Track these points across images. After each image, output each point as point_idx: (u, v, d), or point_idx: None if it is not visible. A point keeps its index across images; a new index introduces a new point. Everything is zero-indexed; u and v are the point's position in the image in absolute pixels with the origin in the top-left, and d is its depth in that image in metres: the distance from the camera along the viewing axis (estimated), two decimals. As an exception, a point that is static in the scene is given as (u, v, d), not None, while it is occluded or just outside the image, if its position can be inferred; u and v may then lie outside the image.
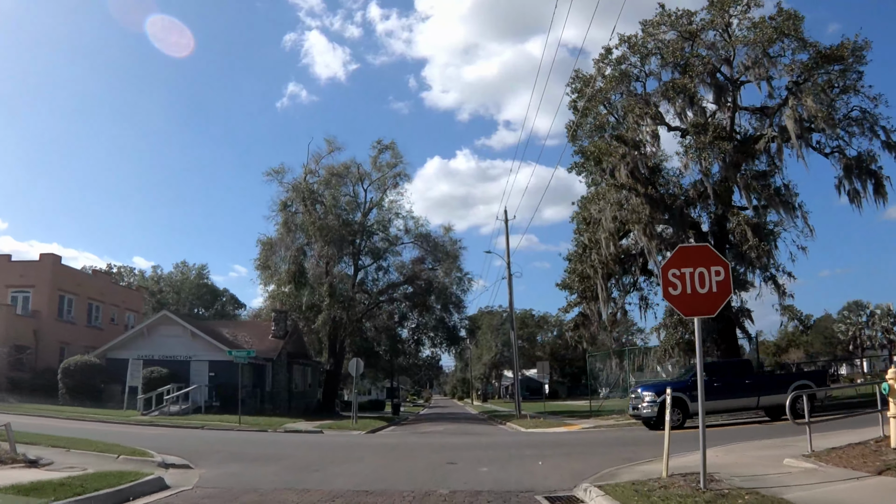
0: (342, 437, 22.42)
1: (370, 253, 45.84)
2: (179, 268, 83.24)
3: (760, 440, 14.87)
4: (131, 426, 24.51)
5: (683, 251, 8.90)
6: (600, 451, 14.35)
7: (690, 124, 25.37)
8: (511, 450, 15.72)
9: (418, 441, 19.08)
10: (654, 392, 20.65)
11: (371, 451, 15.99)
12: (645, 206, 24.21)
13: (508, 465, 12.29)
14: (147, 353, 35.87)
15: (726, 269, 8.67)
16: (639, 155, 25.95)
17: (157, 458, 13.11)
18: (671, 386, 21.22)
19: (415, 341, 50.12)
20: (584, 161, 28.93)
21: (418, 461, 13.47)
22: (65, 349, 39.57)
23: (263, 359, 38.39)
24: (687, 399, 20.19)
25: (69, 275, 43.73)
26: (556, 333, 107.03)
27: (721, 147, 23.91)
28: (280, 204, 42.06)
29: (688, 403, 20.22)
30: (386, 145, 45.62)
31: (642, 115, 25.93)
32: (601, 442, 17.04)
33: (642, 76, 28.70)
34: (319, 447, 17.48)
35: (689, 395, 20.19)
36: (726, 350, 25.59)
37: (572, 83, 30.64)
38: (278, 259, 43.11)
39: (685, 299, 8.59)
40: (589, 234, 26.89)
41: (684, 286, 8.57)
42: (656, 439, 17.57)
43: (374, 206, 45.54)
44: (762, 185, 24.53)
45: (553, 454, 14.14)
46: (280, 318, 41.59)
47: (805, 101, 25.55)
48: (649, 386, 22.02)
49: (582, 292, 29.05)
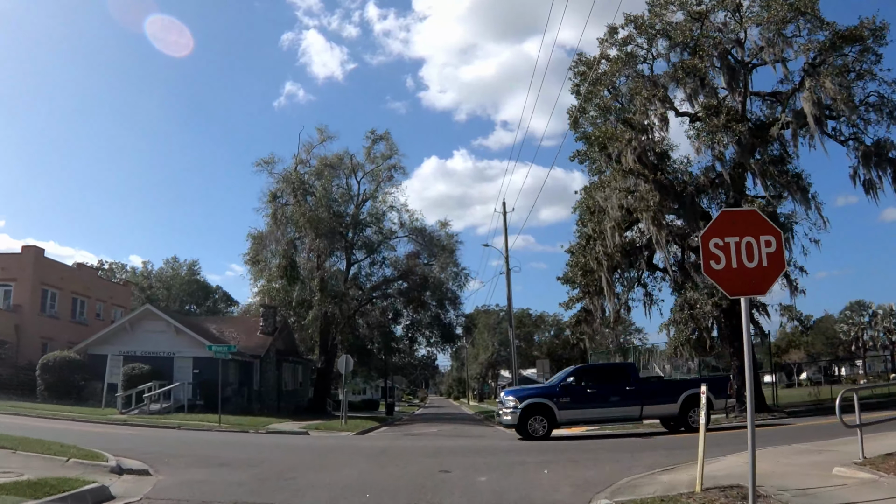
0: (328, 438, 20.84)
1: (363, 247, 44.25)
2: (170, 263, 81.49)
3: (777, 446, 13.22)
4: (104, 425, 23.01)
5: (727, 216, 7.33)
6: (611, 457, 12.79)
7: (703, 106, 23.81)
8: (511, 455, 14.15)
9: (410, 444, 17.53)
10: (517, 398, 18.70)
11: (356, 456, 14.41)
12: (654, 192, 22.66)
13: (510, 474, 10.73)
14: (129, 349, 34.34)
15: (778, 238, 7.10)
16: (647, 140, 24.43)
17: (112, 463, 11.61)
18: (536, 392, 19.57)
19: (409, 339, 48.47)
20: (588, 147, 27.34)
21: (408, 468, 11.90)
22: (47, 345, 38.11)
23: (251, 356, 36.84)
24: (554, 406, 18.29)
25: (52, 268, 42.09)
26: (553, 333, 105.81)
27: (736, 129, 22.36)
28: (269, 195, 40.40)
29: (554, 412, 18.30)
30: (380, 136, 44.08)
31: (650, 98, 24.39)
32: (610, 446, 15.44)
33: (650, 58, 27.19)
34: (300, 451, 15.91)
35: (557, 402, 18.36)
36: (739, 348, 24.02)
37: (575, 66, 29.11)
38: (269, 254, 41.55)
39: (730, 275, 7.03)
40: (593, 225, 25.31)
41: (728, 259, 7.01)
42: (670, 443, 16.05)
43: (367, 199, 43.96)
44: (779, 171, 22.98)
45: (558, 460, 12.58)
46: (269, 313, 39.98)
47: (823, 82, 24.04)
48: (513, 391, 20.09)
49: (585, 287, 27.50)
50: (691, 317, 22.49)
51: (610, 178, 24.91)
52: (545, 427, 18.08)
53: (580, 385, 19.04)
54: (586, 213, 25.68)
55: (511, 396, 18.96)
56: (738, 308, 22.33)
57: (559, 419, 18.36)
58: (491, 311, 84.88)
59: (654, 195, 22.59)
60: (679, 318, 22.84)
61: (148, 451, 13.82)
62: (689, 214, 23.67)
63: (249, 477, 10.69)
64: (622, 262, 25.69)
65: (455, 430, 27.01)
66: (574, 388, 18.86)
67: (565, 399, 18.45)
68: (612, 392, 18.83)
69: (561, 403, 18.36)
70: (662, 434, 18.97)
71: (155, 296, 74.55)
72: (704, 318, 22.38)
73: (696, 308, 22.60)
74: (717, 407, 18.95)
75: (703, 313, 22.39)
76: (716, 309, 22.45)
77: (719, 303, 22.23)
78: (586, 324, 27.91)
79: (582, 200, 27.02)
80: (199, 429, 22.47)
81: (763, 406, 23.59)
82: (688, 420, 18.29)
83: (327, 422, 28.23)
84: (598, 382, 19.30)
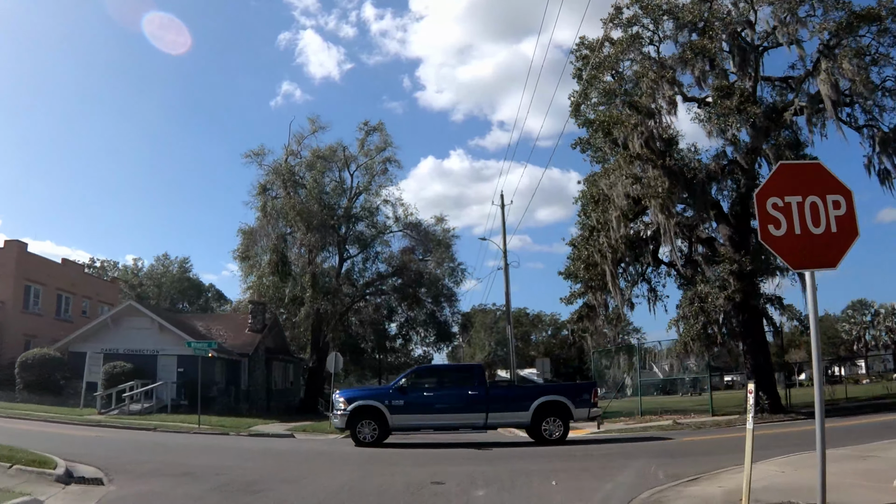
0: (314, 442, 19.37)
1: (357, 242, 42.85)
2: (161, 260, 79.85)
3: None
4: (78, 426, 21.58)
5: (787, 169, 5.91)
6: (626, 464, 11.37)
7: (714, 87, 22.42)
8: (513, 462, 12.69)
9: (401, 449, 16.06)
10: (346, 399, 16.98)
11: (340, 463, 12.98)
12: (663, 179, 21.23)
13: (512, 487, 9.29)
14: (112, 347, 32.91)
15: (849, 199, 5.70)
16: (654, 125, 23.04)
17: (60, 471, 10.27)
18: (368, 393, 17.78)
19: (403, 337, 46.97)
20: (592, 134, 25.91)
21: (396, 477, 10.47)
22: (30, 342, 36.61)
23: (238, 354, 35.42)
24: (385, 410, 16.44)
25: (36, 264, 40.52)
26: (550, 333, 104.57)
27: (750, 112, 20.96)
28: (259, 187, 39.02)
29: (386, 416, 16.42)
30: (374, 127, 42.72)
31: (658, 80, 22.98)
32: (622, 452, 13.99)
33: (656, 40, 25.78)
34: (278, 456, 14.45)
35: (389, 405, 16.52)
36: (752, 345, 22.70)
37: (576, 50, 27.73)
38: (259, 249, 40.19)
39: (793, 243, 5.63)
40: (597, 215, 23.87)
41: (790, 224, 5.62)
42: (688, 449, 14.58)
43: (361, 192, 42.60)
44: (796, 156, 21.59)
45: (566, 468, 11.14)
46: (258, 310, 38.50)
47: (841, 63, 22.67)
48: (345, 391, 18.35)
49: (587, 281, 26.05)
50: (702, 310, 21.06)
51: (615, 166, 23.48)
52: (375, 432, 16.38)
53: (418, 388, 17.22)
54: (590, 202, 24.25)
55: (342, 397, 17.24)
56: (752, 302, 20.86)
57: (391, 424, 16.49)
58: (488, 310, 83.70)
59: (662, 181, 21.17)
60: (688, 313, 21.42)
61: (110, 456, 12.49)
62: (699, 203, 22.27)
63: (212, 489, 9.27)
64: (627, 255, 24.28)
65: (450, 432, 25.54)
66: (410, 390, 17.02)
67: (398, 402, 16.64)
68: (453, 397, 16.96)
69: (394, 407, 16.53)
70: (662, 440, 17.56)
71: (145, 293, 72.95)
72: (716, 311, 20.98)
73: (706, 302, 21.20)
74: (578, 417, 16.81)
75: (714, 307, 20.99)
76: (728, 303, 21.07)
77: (732, 296, 20.85)
78: (588, 320, 26.48)
79: (585, 190, 25.58)
80: (177, 431, 21.03)
81: (779, 407, 22.24)
82: (541, 431, 16.53)
83: (316, 423, 26.75)
84: (438, 385, 17.48)
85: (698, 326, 21.14)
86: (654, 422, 22.40)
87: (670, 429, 19.75)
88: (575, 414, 16.68)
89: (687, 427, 19.92)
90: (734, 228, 23.56)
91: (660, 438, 17.51)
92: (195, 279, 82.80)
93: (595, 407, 17.39)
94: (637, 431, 19.40)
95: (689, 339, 21.14)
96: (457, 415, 16.79)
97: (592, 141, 26.68)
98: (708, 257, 23.57)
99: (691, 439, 16.50)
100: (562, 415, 16.61)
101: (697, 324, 21.23)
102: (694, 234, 24.86)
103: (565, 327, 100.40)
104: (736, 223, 23.96)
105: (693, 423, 20.78)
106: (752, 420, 6.76)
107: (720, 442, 15.49)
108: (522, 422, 17.05)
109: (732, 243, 22.92)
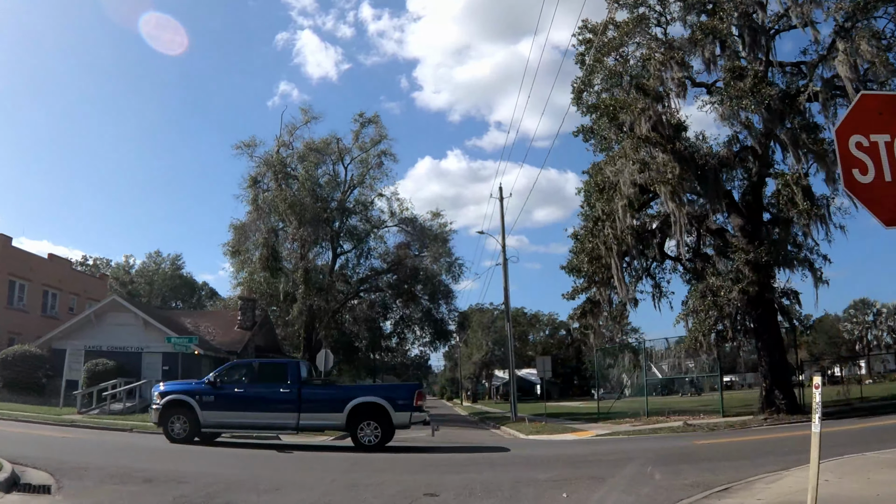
0: (300, 445, 17.97)
1: (351, 237, 41.57)
2: (153, 258, 78.46)
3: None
4: (50, 426, 20.23)
5: (870, 102, 4.62)
6: (641, 472, 10.11)
7: (726, 69, 21.15)
8: (516, 469, 11.39)
9: (393, 453, 14.78)
10: (160, 393, 15.99)
11: (322, 470, 11.68)
12: (674, 164, 19.96)
13: (517, 500, 7.99)
14: (96, 343, 31.70)
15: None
16: (663, 109, 21.80)
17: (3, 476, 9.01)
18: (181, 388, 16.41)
19: (398, 335, 45.63)
20: (596, 120, 24.63)
21: (384, 489, 9.19)
22: (14, 339, 35.31)
23: (227, 351, 34.10)
24: (196, 406, 15.44)
25: (21, 258, 39.17)
26: (547, 332, 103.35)
27: (765, 93, 19.70)
28: (249, 179, 37.66)
29: (197, 412, 15.43)
30: (369, 119, 41.36)
31: (666, 62, 21.72)
32: (635, 457, 12.60)
33: (663, 22, 24.55)
34: (255, 461, 13.11)
35: (201, 401, 15.49)
36: (768, 341, 21.43)
37: (579, 33, 26.46)
38: (251, 245, 38.94)
39: (885, 193, 4.36)
40: (602, 204, 22.58)
41: (879, 168, 4.35)
42: (708, 453, 13.16)
43: (355, 186, 41.27)
44: (812, 140, 20.33)
45: (577, 477, 9.84)
46: (247, 306, 37.18)
47: (859, 45, 21.45)
48: (163, 385, 17.14)
49: (591, 275, 24.79)
50: (714, 304, 19.78)
51: (621, 153, 22.23)
52: (187, 429, 15.34)
53: (230, 383, 16.06)
54: (594, 191, 22.95)
55: (157, 391, 16.22)
56: (767, 296, 19.56)
57: (202, 421, 15.43)
58: (485, 309, 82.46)
59: (673, 167, 19.88)
60: (700, 307, 20.14)
61: (69, 460, 11.20)
62: (711, 191, 20.97)
63: (170, 501, 8.00)
64: (634, 247, 23.00)
65: (447, 434, 24.29)
66: (223, 386, 15.92)
67: (210, 398, 15.60)
68: (266, 395, 15.85)
69: (205, 403, 15.52)
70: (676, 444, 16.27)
71: (136, 291, 71.62)
72: (729, 306, 19.70)
73: (719, 296, 19.94)
74: (399, 421, 15.31)
75: (727, 301, 19.72)
76: (742, 297, 19.80)
77: (746, 289, 19.59)
78: (592, 316, 25.21)
79: (589, 179, 24.27)
80: (154, 432, 19.64)
81: (796, 407, 20.96)
82: (357, 435, 15.27)
83: (306, 424, 25.41)
84: (251, 382, 16.31)
85: (710, 321, 19.87)
86: (662, 423, 21.18)
87: (682, 431, 18.48)
88: (395, 418, 15.22)
89: (699, 429, 18.65)
90: (746, 219, 22.30)
91: (673, 441, 16.22)
92: (188, 277, 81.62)
93: (418, 411, 15.68)
94: (646, 434, 18.15)
95: (700, 335, 19.87)
96: (268, 414, 15.67)
97: (596, 128, 25.41)
98: (720, 248, 22.34)
99: (708, 442, 15.20)
100: (380, 419, 15.22)
101: (709, 319, 19.96)
102: (703, 225, 23.61)
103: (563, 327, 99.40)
104: (748, 213, 22.71)
105: (705, 424, 19.53)
106: (818, 423, 5.47)
107: (739, 446, 14.23)
108: (337, 424, 15.80)
109: (745, 234, 21.67)
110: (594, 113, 24.61)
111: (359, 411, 15.27)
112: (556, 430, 21.78)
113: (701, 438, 16.38)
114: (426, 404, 17.76)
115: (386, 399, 15.41)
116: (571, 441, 18.28)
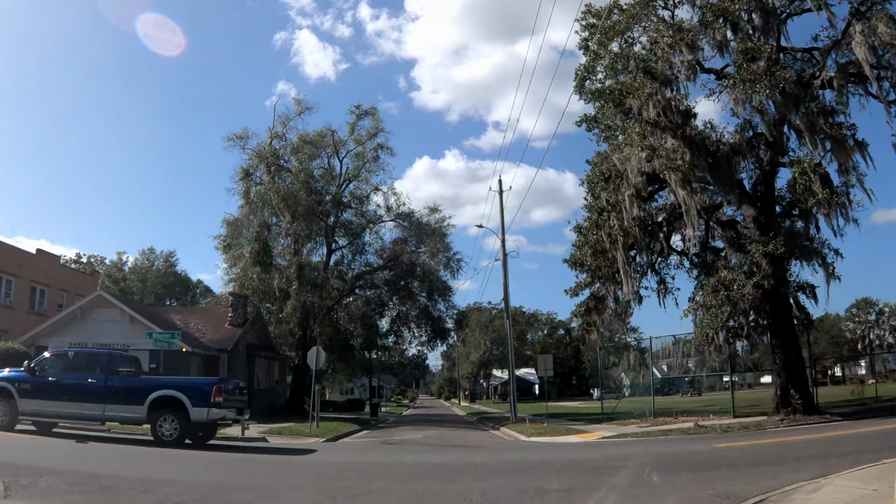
0: (286, 449, 16.80)
1: (346, 232, 40.40)
2: (146, 255, 77.23)
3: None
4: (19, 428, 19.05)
5: None
6: (660, 480, 8.98)
7: (739, 51, 20.02)
8: (519, 476, 10.25)
9: (383, 459, 13.65)
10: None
11: (302, 479, 10.50)
12: (684, 150, 18.84)
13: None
14: (80, 340, 30.39)
15: None
16: (672, 95, 20.69)
17: None
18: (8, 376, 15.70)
19: (395, 333, 44.38)
20: (601, 107, 23.50)
21: (368, 502, 8.05)
22: (1, 337, 34.19)
23: (217, 349, 32.92)
24: (16, 393, 14.86)
25: (8, 254, 38.02)
26: (546, 332, 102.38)
27: (779, 76, 18.58)
28: (241, 172, 36.41)
29: (16, 399, 14.89)
30: (365, 111, 40.21)
31: (675, 45, 20.60)
32: (649, 461, 11.44)
33: (671, 4, 23.45)
34: (232, 468, 11.94)
35: (19, 387, 14.93)
36: (783, 338, 20.31)
37: (582, 18, 25.33)
38: (243, 240, 37.76)
39: None
40: (607, 195, 21.43)
41: None
42: (728, 459, 11.83)
43: (350, 180, 40.11)
44: (830, 125, 19.23)
45: (588, 486, 8.70)
46: (238, 303, 36.00)
47: (876, 26, 20.37)
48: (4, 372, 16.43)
49: (595, 270, 23.65)
50: (728, 299, 18.64)
51: (627, 140, 21.09)
52: (6, 416, 14.76)
53: (48, 371, 15.46)
54: (599, 181, 21.79)
55: None
56: (783, 290, 18.43)
57: (21, 409, 14.90)
58: (483, 308, 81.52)
59: (683, 153, 18.75)
60: (713, 302, 19.00)
61: (25, 466, 10.17)
62: (724, 179, 19.84)
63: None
64: (641, 240, 21.88)
65: (443, 436, 23.15)
66: (42, 374, 15.34)
67: (27, 386, 15.04)
68: (77, 385, 15.24)
69: (23, 391, 14.96)
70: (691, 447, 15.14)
71: (129, 288, 70.41)
72: (743, 300, 18.57)
73: (732, 290, 18.81)
74: (196, 417, 14.62)
75: (740, 295, 18.60)
76: (756, 291, 18.68)
77: (761, 283, 18.48)
78: (597, 312, 24.07)
79: (594, 168, 23.11)
80: (130, 434, 18.48)
81: (812, 407, 19.87)
82: (157, 430, 14.58)
83: (297, 425, 24.28)
84: (65, 371, 15.64)
85: (723, 317, 18.75)
86: (671, 424, 20.09)
87: (693, 433, 17.37)
88: (192, 413, 14.54)
89: (712, 430, 17.52)
90: (759, 209, 21.18)
91: (688, 445, 15.08)
92: (182, 274, 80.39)
93: (217, 408, 14.88)
94: (656, 435, 17.03)
95: (712, 331, 18.74)
96: (76, 404, 15.02)
97: (600, 116, 24.30)
98: (733, 241, 21.22)
99: (726, 445, 14.05)
100: (178, 413, 14.54)
101: (722, 314, 18.84)
102: (713, 216, 22.50)
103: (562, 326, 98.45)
104: (761, 205, 21.60)
105: (717, 425, 18.39)
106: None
107: (761, 449, 13.12)
108: (138, 417, 15.07)
109: (758, 225, 20.54)
110: (598, 100, 23.49)
111: (158, 404, 14.71)
112: (558, 432, 20.67)
113: (717, 441, 15.23)
114: (425, 403, 16.68)
115: (184, 393, 14.76)
116: (577, 444, 17.15)
